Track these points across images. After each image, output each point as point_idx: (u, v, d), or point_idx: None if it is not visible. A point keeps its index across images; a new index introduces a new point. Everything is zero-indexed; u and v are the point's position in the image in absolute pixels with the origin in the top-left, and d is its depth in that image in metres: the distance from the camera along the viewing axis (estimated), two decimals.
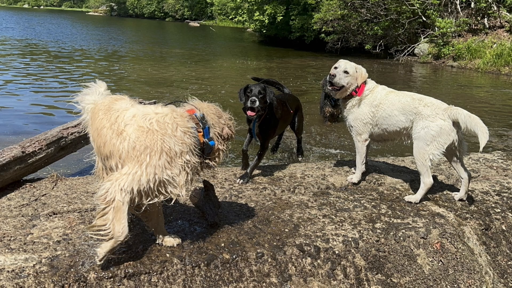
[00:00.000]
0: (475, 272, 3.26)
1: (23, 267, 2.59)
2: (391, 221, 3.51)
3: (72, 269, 2.60)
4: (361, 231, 3.32)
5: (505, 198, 4.11)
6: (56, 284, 2.49)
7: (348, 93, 4.17)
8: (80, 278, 2.55)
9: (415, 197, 3.89)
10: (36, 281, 2.49)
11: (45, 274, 2.55)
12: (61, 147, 4.51)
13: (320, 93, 8.65)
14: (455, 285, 3.15)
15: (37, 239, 2.95)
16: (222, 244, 3.01)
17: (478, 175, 4.71)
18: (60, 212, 3.42)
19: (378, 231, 3.34)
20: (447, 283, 3.14)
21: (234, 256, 2.89)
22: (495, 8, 20.59)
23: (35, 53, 18.70)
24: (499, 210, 3.88)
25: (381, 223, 3.46)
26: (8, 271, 2.54)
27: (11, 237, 2.97)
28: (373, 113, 4.10)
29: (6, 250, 2.78)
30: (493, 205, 3.97)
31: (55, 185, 4.00)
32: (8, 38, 24.57)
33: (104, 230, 2.51)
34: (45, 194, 3.77)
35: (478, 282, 3.21)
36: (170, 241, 2.93)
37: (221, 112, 2.98)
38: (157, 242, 2.95)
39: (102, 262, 2.61)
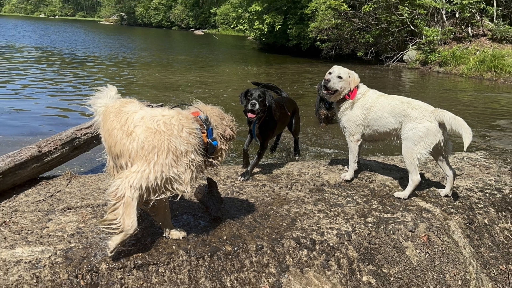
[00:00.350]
0: (459, 263, 3.26)
1: (40, 258, 2.59)
2: (381, 216, 3.50)
3: (85, 260, 2.60)
4: (354, 225, 3.32)
5: (487, 194, 4.11)
6: (70, 274, 2.50)
7: (341, 97, 4.17)
8: (92, 268, 2.56)
9: (404, 193, 3.89)
10: (52, 271, 2.49)
11: (60, 265, 2.55)
12: (75, 147, 4.51)
13: (316, 96, 8.63)
14: (441, 275, 3.15)
15: (53, 232, 2.95)
16: (225, 237, 3.00)
17: (463, 173, 4.71)
18: (74, 207, 3.42)
19: (370, 225, 3.34)
20: (433, 273, 3.14)
21: (235, 248, 2.89)
22: (478, 17, 20.59)
23: (51, 59, 18.69)
24: (482, 206, 3.88)
25: (372, 218, 3.46)
26: (25, 262, 2.55)
27: (28, 230, 2.97)
28: (365, 115, 4.10)
29: (24, 243, 2.78)
30: (476, 200, 3.97)
31: (69, 182, 4.00)
32: (25, 46, 24.56)
33: (115, 224, 2.51)
34: (60, 191, 3.77)
35: (463, 272, 3.21)
36: (176, 234, 2.93)
37: (223, 114, 2.98)
38: (164, 235, 2.95)
39: (113, 253, 2.61)
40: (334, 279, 2.92)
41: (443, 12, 21.18)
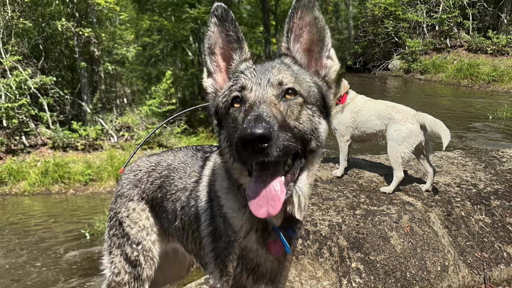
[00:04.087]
0: (439, 251, 3.25)
1: None
2: (369, 208, 3.49)
3: None
4: (344, 217, 3.31)
5: (464, 189, 4.09)
6: None
7: None
8: None
9: (389, 188, 3.87)
10: None
11: None
12: None
13: None
14: (422, 262, 3.13)
15: None
16: None
17: (442, 170, 4.69)
18: None
19: (358, 216, 3.33)
20: (415, 260, 3.13)
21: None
22: (456, 30, 20.58)
23: None
24: (459, 199, 3.86)
25: (361, 210, 3.45)
26: None
27: None
28: (354, 118, 4.09)
29: None
30: (454, 195, 3.95)
31: None
32: None
33: None
34: None
35: (442, 259, 3.20)
36: None
37: None
38: None
39: None
40: (326, 265, 2.91)
41: (424, 26, 21.17)
